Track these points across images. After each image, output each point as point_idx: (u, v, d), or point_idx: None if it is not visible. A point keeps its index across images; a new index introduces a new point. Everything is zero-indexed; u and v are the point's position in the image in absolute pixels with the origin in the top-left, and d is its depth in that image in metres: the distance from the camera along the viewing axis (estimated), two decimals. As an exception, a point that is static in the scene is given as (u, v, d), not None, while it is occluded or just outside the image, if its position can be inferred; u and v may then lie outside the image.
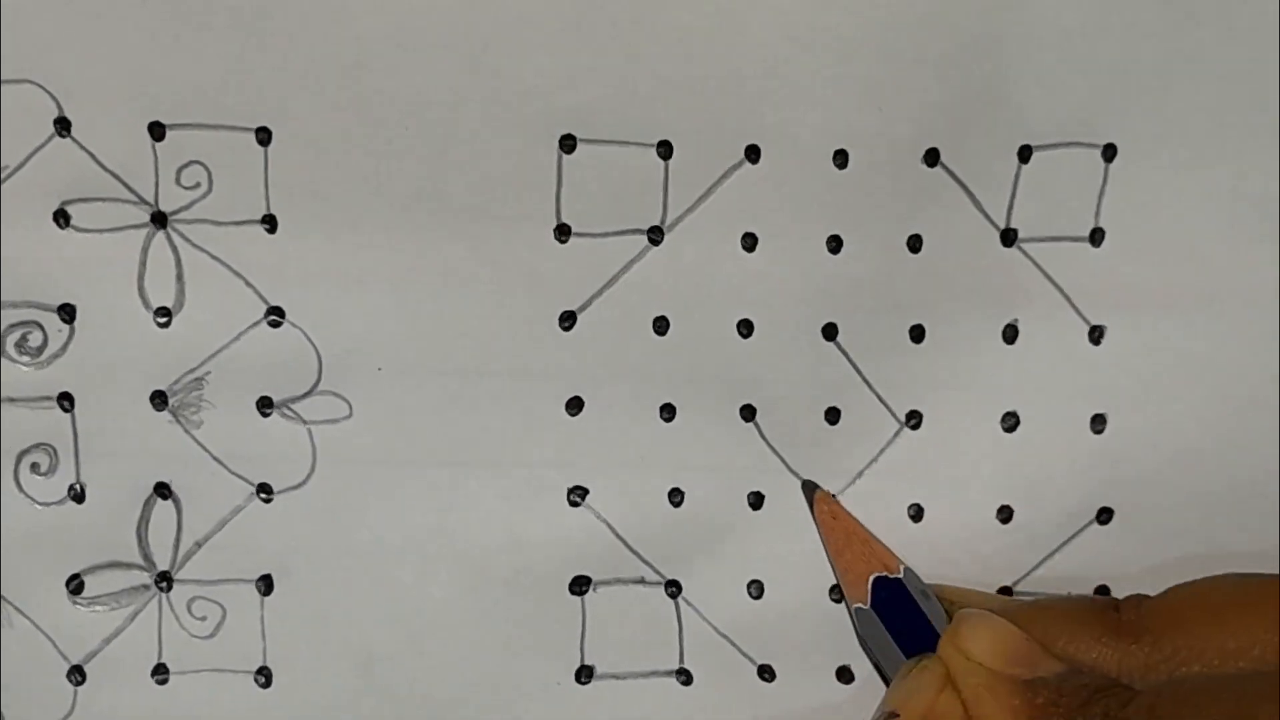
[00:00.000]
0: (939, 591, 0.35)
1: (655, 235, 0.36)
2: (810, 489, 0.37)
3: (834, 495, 0.37)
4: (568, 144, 0.35)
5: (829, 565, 0.36)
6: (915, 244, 0.36)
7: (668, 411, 0.36)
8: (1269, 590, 0.31)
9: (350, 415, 0.36)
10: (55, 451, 0.35)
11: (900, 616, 0.34)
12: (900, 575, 0.35)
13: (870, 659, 0.36)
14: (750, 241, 0.36)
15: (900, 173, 0.36)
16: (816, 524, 0.36)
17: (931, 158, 0.36)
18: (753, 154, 0.35)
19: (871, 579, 0.35)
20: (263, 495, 0.36)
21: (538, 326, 0.36)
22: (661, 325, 0.36)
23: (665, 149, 0.35)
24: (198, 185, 0.35)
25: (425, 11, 0.34)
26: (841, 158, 0.35)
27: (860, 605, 0.35)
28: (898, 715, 0.32)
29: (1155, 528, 0.37)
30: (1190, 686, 0.30)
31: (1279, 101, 0.36)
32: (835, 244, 0.36)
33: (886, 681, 0.35)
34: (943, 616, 0.34)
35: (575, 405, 0.36)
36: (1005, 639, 0.32)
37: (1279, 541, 0.37)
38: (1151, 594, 0.33)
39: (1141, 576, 0.36)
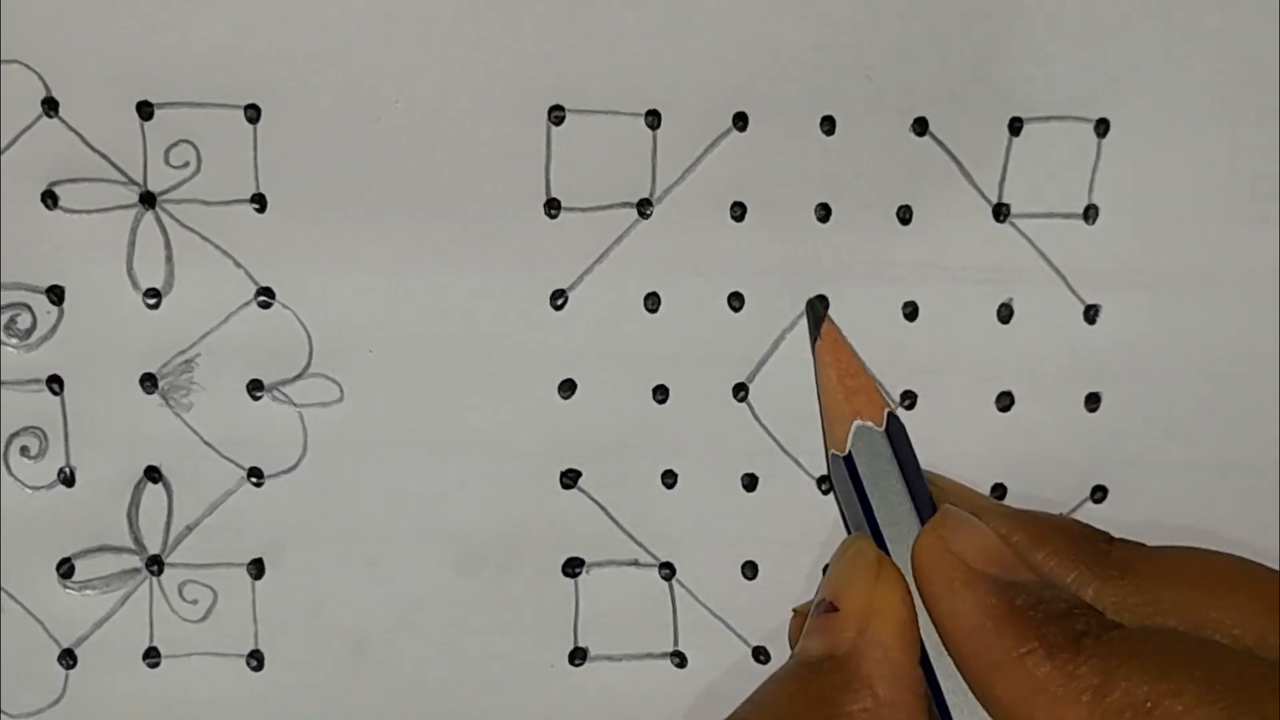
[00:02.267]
0: (930, 475, 0.34)
1: (645, 208, 0.36)
2: (820, 306, 0.35)
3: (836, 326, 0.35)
4: (556, 115, 0.35)
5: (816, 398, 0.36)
6: (906, 215, 0.36)
7: (661, 393, 0.36)
8: (1271, 582, 0.31)
9: (341, 399, 0.35)
10: (45, 435, 0.35)
11: (873, 473, 0.33)
12: (883, 429, 0.34)
13: (839, 509, 0.36)
14: (739, 211, 0.36)
15: (889, 141, 0.36)
16: (813, 351, 0.35)
17: (920, 126, 0.36)
18: (740, 121, 0.35)
19: (854, 426, 0.34)
20: (253, 479, 0.35)
21: (529, 306, 0.35)
22: (653, 302, 0.36)
23: (653, 118, 0.35)
24: (186, 164, 0.35)
25: (413, -13, 0.34)
26: (829, 123, 0.35)
27: (835, 452, 0.34)
28: (835, 609, 0.32)
29: (1149, 506, 0.37)
30: (1176, 647, 0.29)
31: (1275, 76, 0.36)
32: (824, 212, 0.36)
33: (849, 532, 0.34)
34: (905, 493, 0.33)
35: (568, 388, 0.36)
36: (988, 540, 0.31)
37: (1277, 520, 0.37)
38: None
39: (1136, 554, 0.36)
